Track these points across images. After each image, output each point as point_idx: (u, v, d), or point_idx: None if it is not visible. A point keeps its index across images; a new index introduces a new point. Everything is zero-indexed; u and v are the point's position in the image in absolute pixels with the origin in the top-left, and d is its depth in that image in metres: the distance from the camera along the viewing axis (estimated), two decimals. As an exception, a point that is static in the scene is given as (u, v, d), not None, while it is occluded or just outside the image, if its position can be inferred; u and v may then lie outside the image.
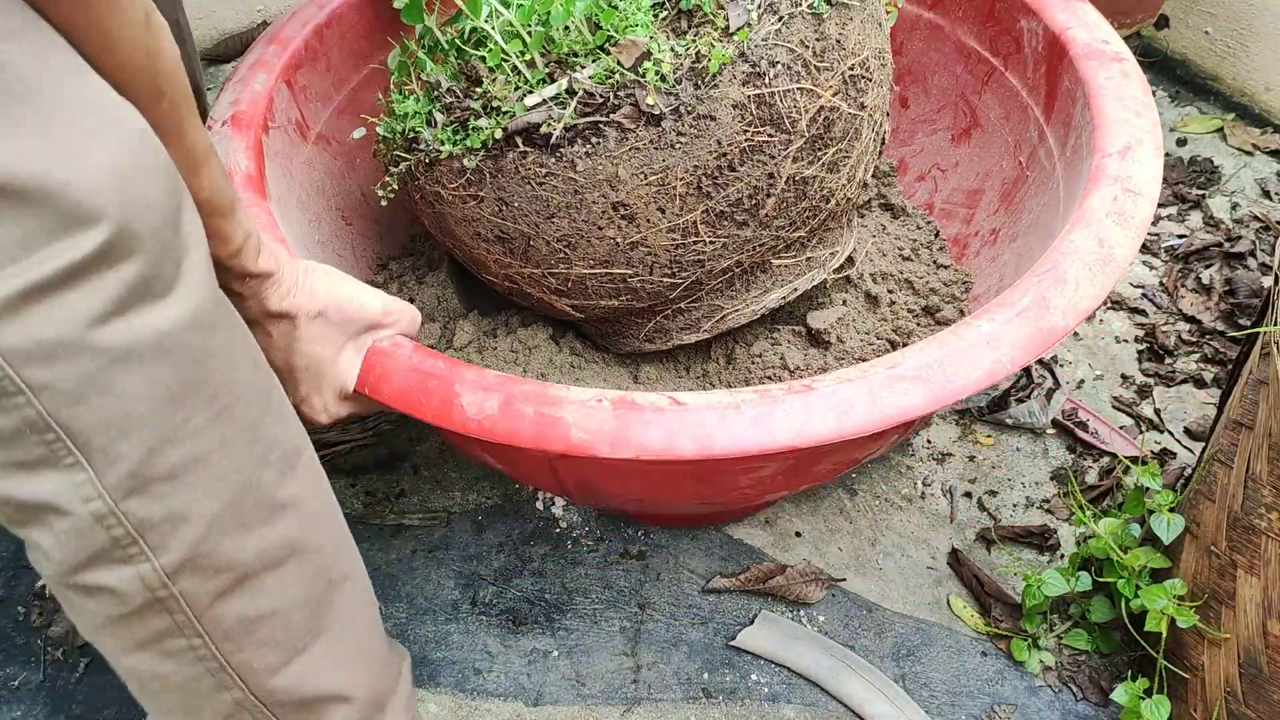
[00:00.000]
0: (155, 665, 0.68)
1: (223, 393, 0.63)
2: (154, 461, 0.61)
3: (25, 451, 0.57)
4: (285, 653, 0.72)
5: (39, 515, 0.60)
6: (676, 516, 1.12)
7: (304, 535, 0.70)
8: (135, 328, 0.57)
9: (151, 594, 0.64)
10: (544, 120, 0.82)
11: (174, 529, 0.63)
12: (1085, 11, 1.06)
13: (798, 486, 0.94)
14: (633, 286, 0.91)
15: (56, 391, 0.55)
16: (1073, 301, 0.80)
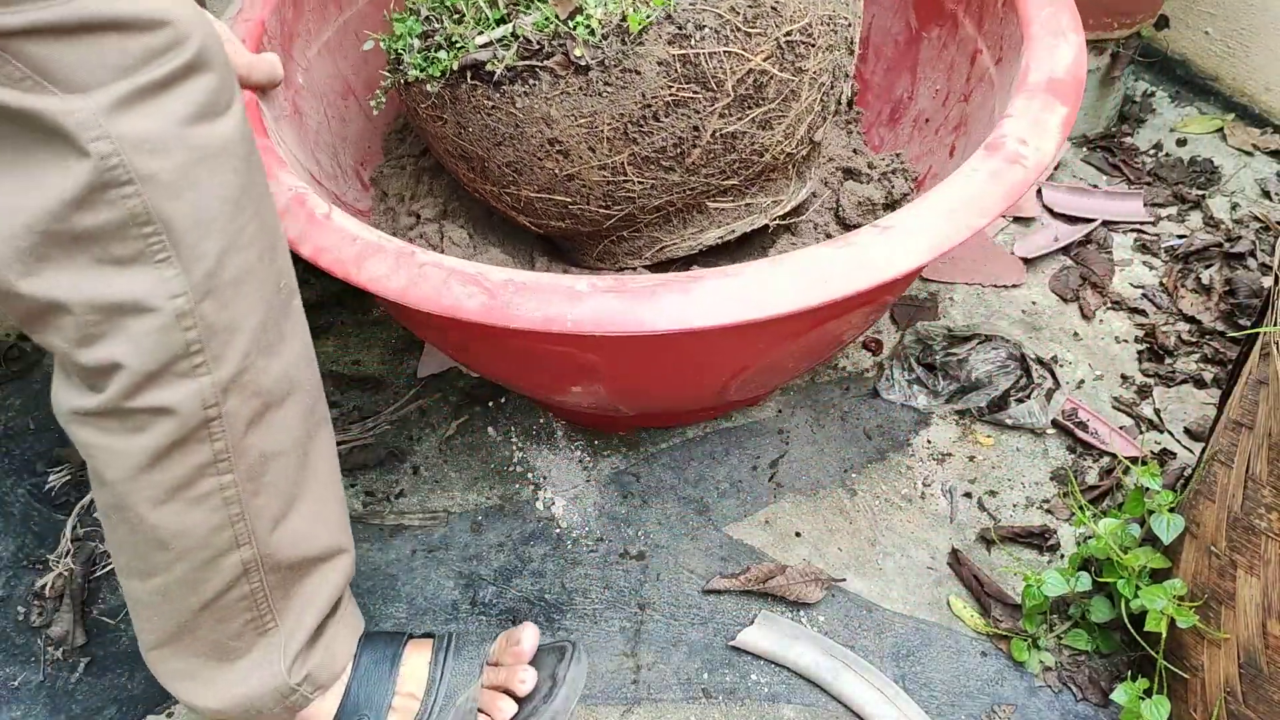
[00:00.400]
0: (184, 515, 0.70)
1: (262, 208, 0.69)
2: (224, 264, 0.66)
3: (124, 247, 0.62)
4: (285, 501, 0.75)
5: (122, 318, 0.63)
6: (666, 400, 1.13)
7: (297, 372, 0.74)
8: (213, 132, 0.64)
9: (204, 413, 0.67)
10: (489, 59, 0.89)
11: (230, 338, 0.67)
12: None
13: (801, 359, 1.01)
14: (573, 213, 0.98)
15: (159, 183, 0.62)
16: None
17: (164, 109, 0.62)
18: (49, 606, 1.05)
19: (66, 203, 0.60)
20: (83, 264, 0.62)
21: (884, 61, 1.35)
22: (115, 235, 0.62)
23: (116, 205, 0.61)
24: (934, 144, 1.24)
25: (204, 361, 0.66)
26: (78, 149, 0.59)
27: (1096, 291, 1.36)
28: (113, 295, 0.63)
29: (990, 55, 1.15)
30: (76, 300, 0.62)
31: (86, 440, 0.68)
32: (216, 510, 0.71)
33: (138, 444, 0.67)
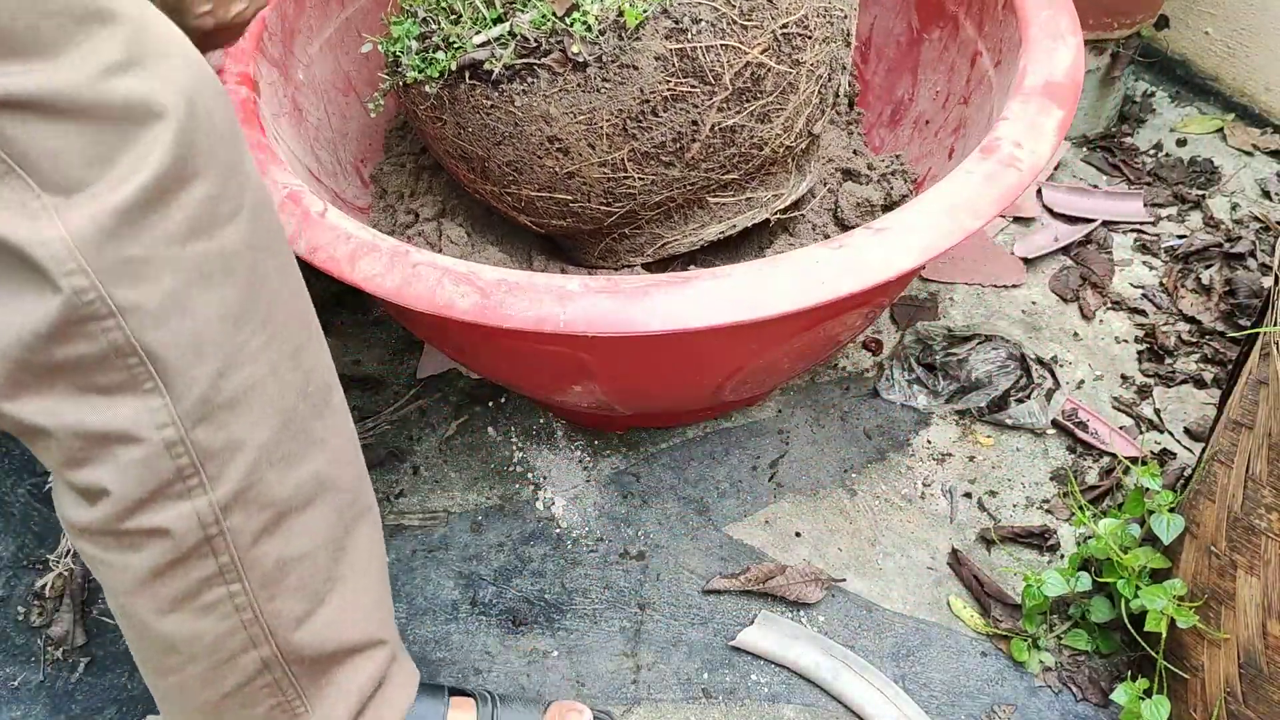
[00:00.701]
0: (191, 624, 0.67)
1: (273, 317, 0.64)
2: (220, 386, 0.61)
3: (106, 377, 0.58)
4: (311, 601, 0.71)
5: (107, 447, 0.60)
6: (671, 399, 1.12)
7: (332, 471, 0.70)
8: (210, 247, 0.59)
9: (203, 532, 0.64)
10: (487, 58, 0.89)
11: (230, 458, 0.63)
12: None
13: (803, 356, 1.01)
14: (574, 211, 0.99)
15: (143, 313, 0.57)
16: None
17: (152, 228, 0.57)
18: (49, 606, 1.05)
19: (40, 335, 0.56)
20: (62, 392, 0.58)
21: (885, 62, 1.35)
22: (95, 366, 0.58)
23: (95, 339, 0.57)
24: (934, 146, 1.24)
25: (199, 484, 0.62)
26: (50, 283, 0.55)
27: (1096, 291, 1.36)
28: (96, 424, 0.59)
29: (990, 58, 1.15)
30: (57, 427, 0.59)
31: (86, 552, 0.65)
32: (226, 617, 0.68)
33: (136, 561, 0.64)
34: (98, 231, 0.55)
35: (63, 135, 0.54)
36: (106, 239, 0.55)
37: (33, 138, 0.54)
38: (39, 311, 0.55)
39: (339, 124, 1.23)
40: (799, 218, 1.14)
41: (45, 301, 0.55)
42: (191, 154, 0.57)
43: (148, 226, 0.56)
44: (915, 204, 0.88)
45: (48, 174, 0.54)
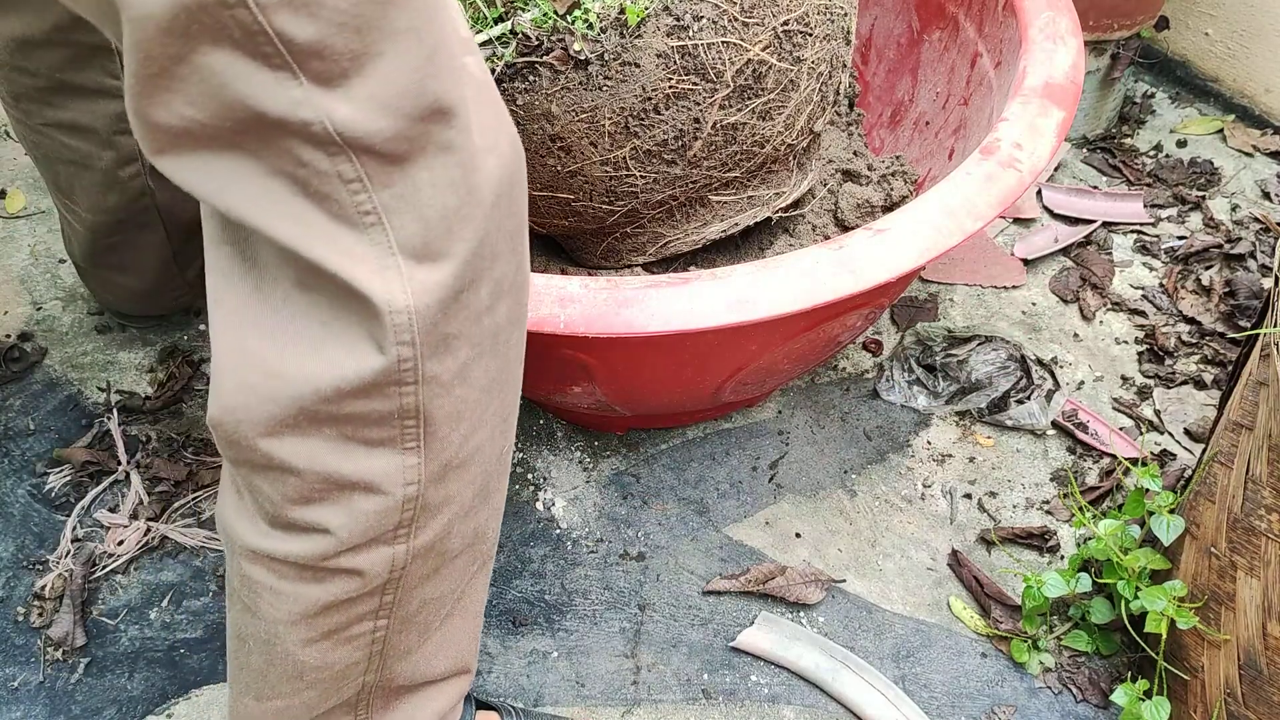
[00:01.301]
0: (329, 654, 0.68)
1: (509, 385, 0.67)
2: (462, 449, 0.63)
3: (379, 432, 0.59)
4: (423, 636, 0.73)
5: (348, 492, 0.60)
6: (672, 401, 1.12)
7: (489, 525, 0.72)
8: (493, 322, 0.61)
9: (389, 575, 0.65)
10: (489, 58, 0.89)
11: (440, 511, 0.65)
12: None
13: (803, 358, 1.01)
14: (577, 210, 0.98)
15: (437, 383, 0.59)
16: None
17: (467, 305, 0.58)
18: (49, 607, 1.05)
19: (342, 391, 0.56)
20: (329, 437, 0.59)
21: (886, 63, 1.35)
22: (377, 422, 0.59)
23: (392, 399, 0.58)
24: (934, 147, 1.24)
25: (408, 533, 0.64)
26: (378, 346, 0.56)
27: (1096, 292, 1.36)
28: (349, 473, 0.60)
29: (990, 59, 1.15)
30: (309, 469, 0.59)
31: (255, 577, 0.65)
32: (361, 648, 0.69)
33: (313, 594, 0.64)
34: (436, 306, 0.56)
35: (436, 199, 0.55)
36: (440, 314, 0.57)
37: (414, 194, 0.55)
38: (355, 369, 0.56)
39: None
40: (799, 219, 1.14)
41: (367, 360, 0.56)
42: (502, 235, 0.59)
43: (467, 303, 0.58)
44: (915, 205, 0.88)
45: (409, 234, 0.55)
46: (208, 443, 1.20)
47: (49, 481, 1.16)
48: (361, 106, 0.52)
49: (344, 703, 0.73)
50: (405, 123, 0.54)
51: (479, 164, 0.57)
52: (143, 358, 1.29)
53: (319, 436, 0.59)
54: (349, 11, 0.50)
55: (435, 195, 0.56)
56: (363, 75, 0.52)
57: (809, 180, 1.07)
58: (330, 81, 0.52)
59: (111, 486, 1.15)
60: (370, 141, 0.53)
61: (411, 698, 0.77)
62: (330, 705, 0.72)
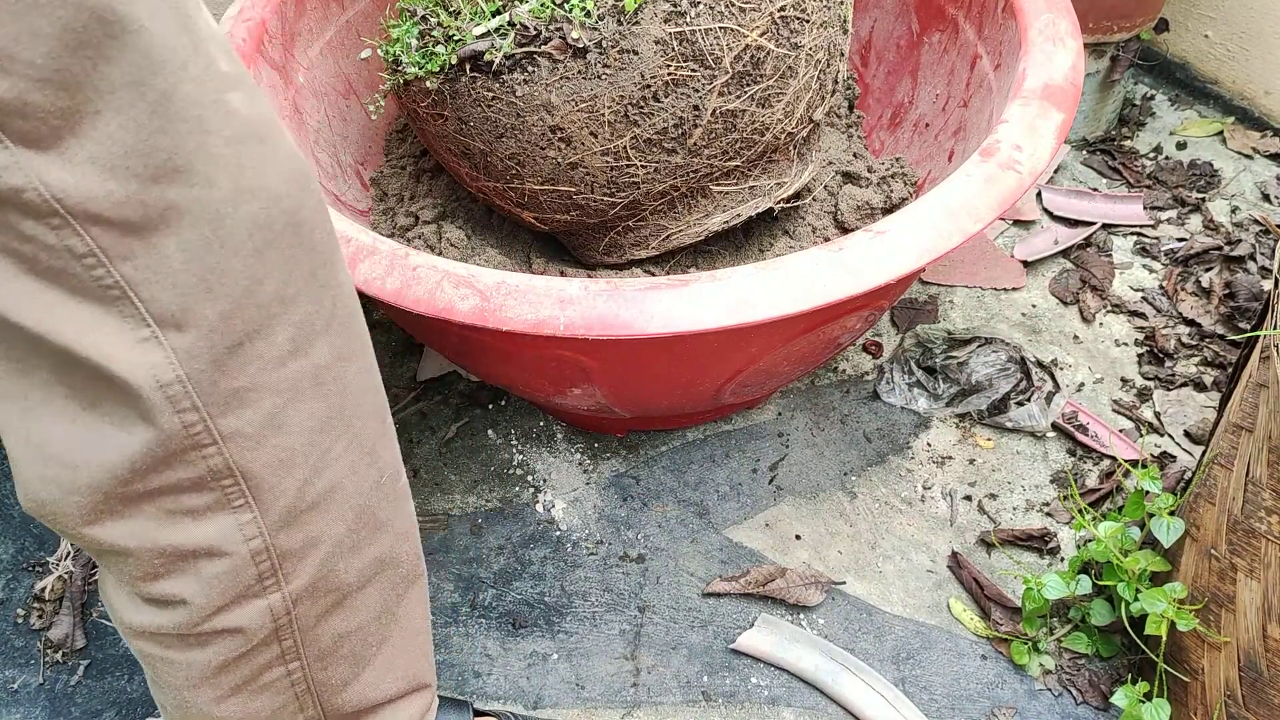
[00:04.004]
0: (248, 704, 0.67)
1: (354, 420, 0.64)
2: (304, 493, 0.62)
3: (198, 499, 0.58)
4: (358, 665, 0.72)
5: (191, 562, 0.59)
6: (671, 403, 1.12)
7: (393, 551, 0.71)
8: (305, 364, 0.58)
9: (274, 624, 0.64)
10: (487, 49, 0.90)
11: (306, 554, 0.63)
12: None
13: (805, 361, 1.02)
14: (578, 203, 0.98)
15: (243, 437, 0.57)
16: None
17: (259, 356, 0.56)
18: (48, 609, 1.05)
19: (136, 467, 0.55)
20: (150, 515, 0.57)
21: (885, 65, 1.35)
22: (189, 490, 0.57)
23: (195, 465, 0.56)
24: (934, 149, 1.24)
25: (275, 582, 0.63)
26: (154, 421, 0.54)
27: (1096, 294, 1.36)
28: (181, 543, 0.59)
29: (990, 60, 1.15)
30: (140, 548, 0.58)
31: (145, 651, 0.65)
32: (282, 692, 0.69)
33: (201, 658, 0.64)
34: (211, 367, 0.54)
35: (187, 260, 0.52)
36: (218, 373, 0.55)
37: (160, 262, 0.52)
38: (141, 445, 0.54)
39: (339, 127, 1.23)
40: (799, 220, 1.14)
41: (148, 435, 0.54)
42: (293, 276, 0.56)
43: (255, 355, 0.56)
44: (914, 207, 0.88)
45: (164, 305, 0.52)
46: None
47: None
48: (81, 170, 0.48)
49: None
50: (137, 185, 0.50)
51: (232, 212, 0.53)
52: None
53: (139, 515, 0.57)
54: (47, 67, 0.46)
55: (187, 259, 0.52)
56: (78, 136, 0.48)
57: (810, 171, 1.07)
58: (40, 143, 0.48)
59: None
60: (97, 209, 0.49)
61: (376, 717, 0.76)
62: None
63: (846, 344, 1.06)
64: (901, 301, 1.35)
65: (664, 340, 0.82)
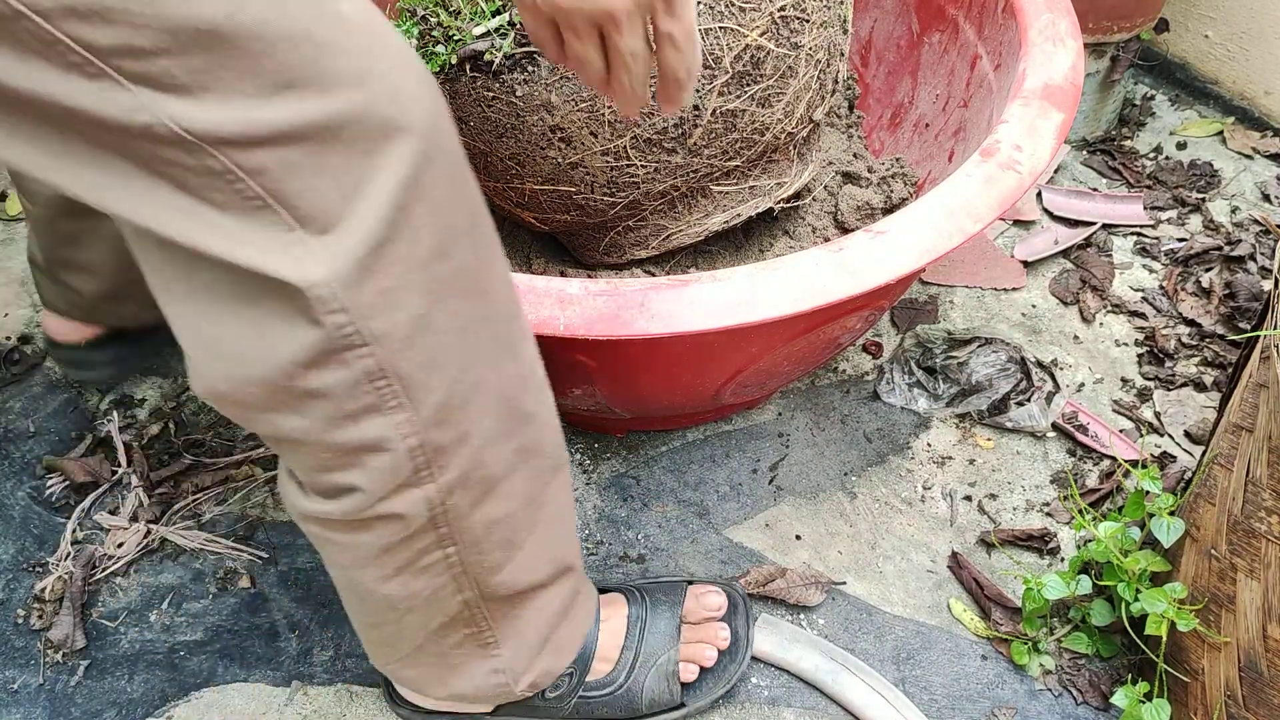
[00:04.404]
0: (409, 585, 0.73)
1: (496, 319, 0.67)
2: (454, 390, 0.65)
3: (355, 402, 0.61)
4: (509, 550, 0.76)
5: (357, 457, 0.64)
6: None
7: (535, 440, 0.74)
8: (447, 267, 0.61)
9: (430, 513, 0.69)
10: (487, 49, 0.90)
11: (457, 449, 0.67)
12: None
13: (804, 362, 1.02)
14: (579, 203, 0.98)
15: (393, 339, 0.59)
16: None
17: (402, 258, 0.58)
18: (49, 610, 1.05)
19: (298, 363, 0.58)
20: (315, 416, 0.61)
21: (885, 65, 1.35)
22: (347, 393, 0.60)
23: (350, 366, 0.59)
24: (934, 149, 1.24)
25: (429, 475, 0.67)
26: (310, 320, 0.57)
27: (1096, 294, 1.36)
28: (346, 442, 0.63)
29: (990, 61, 1.15)
30: (311, 442, 0.63)
31: (316, 534, 0.71)
32: (439, 575, 0.74)
33: (366, 541, 0.69)
34: (356, 269, 0.56)
35: (321, 168, 0.54)
36: (365, 275, 0.56)
37: (294, 172, 0.54)
38: (298, 342, 0.57)
39: None
40: (799, 220, 1.14)
41: (305, 334, 0.57)
42: (432, 178, 0.58)
43: (398, 257, 0.58)
44: (914, 207, 0.88)
45: (305, 210, 0.55)
46: (208, 445, 1.20)
47: (49, 484, 1.16)
48: (204, 102, 0.51)
49: (453, 619, 0.78)
50: (260, 107, 0.52)
51: (361, 117, 0.55)
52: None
53: (308, 413, 0.61)
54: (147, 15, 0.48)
55: (322, 165, 0.54)
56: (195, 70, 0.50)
57: (810, 171, 1.07)
58: (159, 84, 0.50)
59: (111, 489, 1.15)
60: (226, 133, 0.52)
61: (525, 602, 0.81)
62: (439, 623, 0.78)
63: (847, 344, 1.06)
64: (901, 302, 1.35)
65: (664, 340, 0.82)
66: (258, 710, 0.98)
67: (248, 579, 1.08)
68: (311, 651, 1.03)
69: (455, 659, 0.82)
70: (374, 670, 1.01)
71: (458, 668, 0.83)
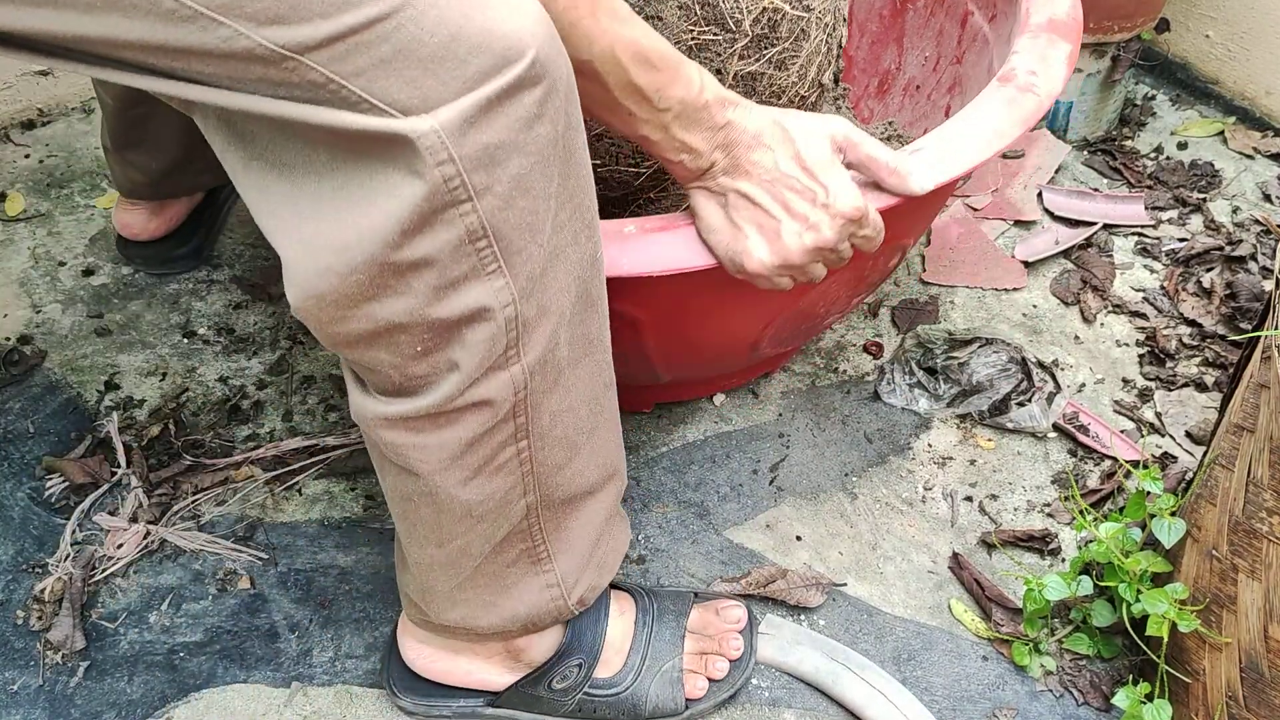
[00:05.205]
0: (487, 485, 0.74)
1: (578, 192, 0.68)
2: (543, 260, 0.66)
3: (458, 266, 0.62)
4: (569, 450, 0.78)
5: (457, 331, 0.65)
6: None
7: (600, 333, 0.76)
8: (546, 130, 0.62)
9: (514, 398, 0.70)
10: None
11: (540, 324, 0.68)
12: None
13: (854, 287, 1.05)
14: (602, 176, 0.99)
15: (494, 195, 0.61)
16: None
17: (506, 114, 0.60)
18: (48, 611, 1.05)
19: (405, 227, 0.59)
20: (418, 292, 0.62)
21: (869, 36, 1.38)
22: (451, 256, 0.62)
23: (454, 224, 0.60)
24: (927, 108, 1.26)
25: (517, 353, 0.68)
26: (418, 174, 0.58)
27: (1097, 295, 1.36)
28: (448, 315, 0.64)
29: (983, 14, 1.19)
30: (414, 322, 0.63)
31: (399, 441, 0.71)
32: (512, 473, 0.75)
33: (453, 436, 0.70)
34: (462, 121, 0.58)
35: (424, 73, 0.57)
36: (470, 128, 0.58)
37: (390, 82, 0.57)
38: (408, 202, 0.59)
39: None
40: None
41: (414, 190, 0.58)
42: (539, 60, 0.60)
43: (503, 114, 0.59)
44: (943, 128, 0.91)
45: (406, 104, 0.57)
46: (207, 446, 1.20)
47: (48, 485, 1.16)
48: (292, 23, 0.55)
49: (515, 530, 0.79)
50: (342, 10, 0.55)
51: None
52: (143, 360, 1.29)
53: (409, 292, 0.62)
54: None
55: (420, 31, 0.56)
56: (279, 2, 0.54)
57: None
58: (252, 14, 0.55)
59: (111, 490, 1.15)
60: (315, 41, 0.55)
61: (576, 511, 0.83)
62: (504, 533, 0.79)
63: (874, 283, 1.08)
64: (902, 302, 1.35)
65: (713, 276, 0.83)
66: (257, 711, 0.98)
67: (247, 580, 1.08)
68: (311, 652, 1.03)
69: (509, 578, 0.83)
70: (374, 671, 1.01)
71: (511, 588, 0.84)
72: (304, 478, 1.17)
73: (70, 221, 1.47)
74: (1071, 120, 1.56)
